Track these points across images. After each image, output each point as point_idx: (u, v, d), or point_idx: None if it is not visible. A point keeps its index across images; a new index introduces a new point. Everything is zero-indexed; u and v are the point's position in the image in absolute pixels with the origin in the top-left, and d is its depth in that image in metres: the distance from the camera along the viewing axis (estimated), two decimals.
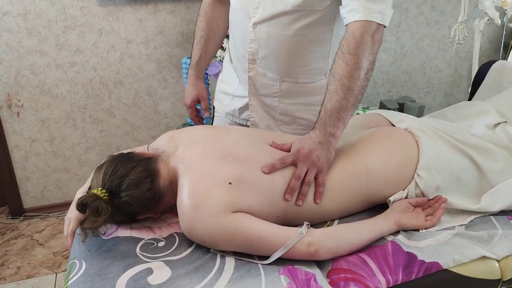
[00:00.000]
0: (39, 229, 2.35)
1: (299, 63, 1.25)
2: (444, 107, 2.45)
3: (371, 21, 1.04)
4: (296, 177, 1.04)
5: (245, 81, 1.33)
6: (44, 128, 2.35)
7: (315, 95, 1.29)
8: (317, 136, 1.06)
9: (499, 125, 1.29)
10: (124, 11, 2.25)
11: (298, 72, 1.26)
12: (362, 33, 1.03)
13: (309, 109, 1.31)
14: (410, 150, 1.12)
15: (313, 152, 1.05)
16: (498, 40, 2.94)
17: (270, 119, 1.36)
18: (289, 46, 1.21)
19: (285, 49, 1.22)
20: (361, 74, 1.03)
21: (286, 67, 1.25)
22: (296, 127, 1.35)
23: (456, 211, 1.12)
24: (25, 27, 2.14)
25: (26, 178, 2.42)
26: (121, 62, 2.34)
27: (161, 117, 2.52)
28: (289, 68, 1.26)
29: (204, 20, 1.41)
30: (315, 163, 1.05)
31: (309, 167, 1.05)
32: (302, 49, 1.22)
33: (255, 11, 1.20)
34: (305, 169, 1.05)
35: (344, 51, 1.04)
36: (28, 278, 1.98)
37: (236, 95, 1.40)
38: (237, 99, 1.40)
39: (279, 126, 1.36)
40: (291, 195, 1.04)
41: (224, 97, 1.46)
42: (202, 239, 0.97)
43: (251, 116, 1.36)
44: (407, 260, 0.96)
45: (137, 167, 1.03)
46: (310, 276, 0.91)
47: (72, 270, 0.96)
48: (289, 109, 1.33)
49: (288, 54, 1.23)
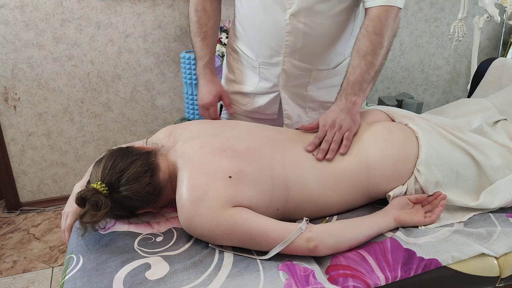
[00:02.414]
0: (36, 223, 2.34)
1: (332, 49, 1.29)
2: (443, 104, 2.45)
3: (394, 6, 1.15)
4: (325, 141, 1.13)
5: (273, 75, 1.32)
6: (41, 122, 2.33)
7: (337, 76, 1.34)
8: (338, 106, 1.17)
9: (498, 122, 1.29)
10: (122, 5, 2.23)
11: (330, 58, 1.30)
12: (387, 17, 1.15)
13: (333, 91, 1.32)
14: (410, 145, 1.12)
15: (337, 120, 1.15)
16: (498, 37, 2.93)
17: (299, 108, 1.38)
18: (326, 34, 1.25)
19: (321, 37, 1.25)
20: (383, 52, 1.16)
21: (320, 55, 1.29)
22: (322, 112, 1.37)
23: (455, 208, 1.12)
24: (22, 20, 2.12)
25: (23, 172, 2.41)
26: (119, 56, 2.32)
27: (159, 111, 2.51)
28: (323, 56, 1.29)
29: (205, 15, 1.37)
30: (340, 127, 1.14)
31: (336, 131, 1.14)
32: (335, 35, 1.27)
33: (291, 3, 1.19)
34: (332, 135, 1.14)
35: (369, 30, 1.15)
36: (24, 272, 1.98)
37: (258, 92, 1.39)
38: (260, 96, 1.39)
39: (307, 113, 1.39)
40: (321, 154, 1.12)
41: (241, 97, 1.43)
42: (201, 233, 0.97)
43: (284, 109, 1.38)
44: (406, 257, 0.96)
45: (137, 161, 1.02)
46: (309, 272, 0.91)
47: (69, 265, 0.96)
48: (317, 95, 1.37)
49: (324, 42, 1.26)
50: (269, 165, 1.04)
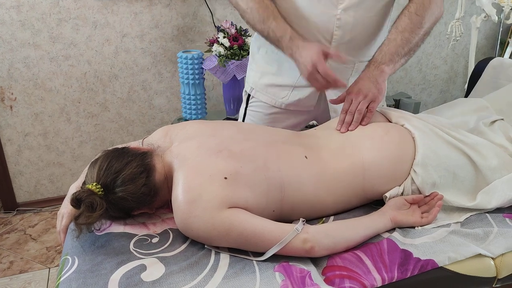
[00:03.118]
0: (32, 224, 2.33)
1: (374, 41, 1.31)
2: (440, 104, 2.44)
3: None
4: (349, 113, 1.17)
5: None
6: (38, 122, 2.32)
7: None
8: (365, 73, 1.19)
9: (495, 122, 1.29)
10: (119, 4, 2.22)
11: (372, 50, 1.30)
12: (431, 2, 1.19)
13: None
14: (407, 146, 1.12)
15: (363, 88, 1.17)
16: (495, 37, 2.93)
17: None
18: (373, 26, 1.28)
19: (366, 30, 1.27)
20: (421, 32, 1.19)
21: (364, 47, 1.31)
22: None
23: (452, 208, 1.12)
24: (18, 20, 2.11)
25: (19, 172, 2.40)
26: (115, 55, 2.32)
27: (156, 111, 2.51)
28: (366, 48, 1.31)
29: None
30: (366, 95, 1.17)
31: (360, 100, 1.17)
32: (377, 28, 1.30)
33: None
34: (356, 104, 1.17)
35: (411, 11, 1.19)
36: (21, 273, 1.97)
37: (298, 85, 1.37)
38: (300, 89, 1.38)
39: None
40: (341, 125, 1.17)
41: (280, 90, 1.40)
42: (197, 235, 0.97)
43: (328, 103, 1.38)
44: (402, 258, 0.96)
45: (132, 162, 1.02)
46: (305, 273, 0.91)
47: (64, 266, 0.95)
48: None
49: (369, 35, 1.29)
50: (264, 165, 1.03)
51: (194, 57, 2.08)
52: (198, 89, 2.15)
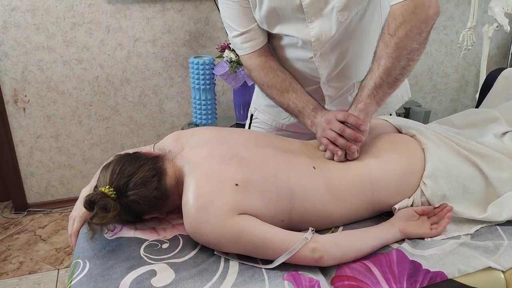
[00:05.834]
0: (42, 225, 2.35)
1: (368, 61, 1.21)
2: (450, 113, 2.43)
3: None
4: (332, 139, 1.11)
5: (315, 96, 1.29)
6: (50, 124, 2.35)
7: None
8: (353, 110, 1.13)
9: (507, 134, 1.28)
10: (132, 9, 2.25)
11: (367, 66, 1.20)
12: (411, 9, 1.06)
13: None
14: (416, 158, 1.11)
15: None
16: (507, 47, 2.92)
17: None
18: (357, 53, 1.23)
19: (353, 57, 1.24)
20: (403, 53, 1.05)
21: (358, 69, 1.27)
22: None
23: (462, 220, 1.11)
24: (33, 23, 2.14)
25: (31, 174, 2.42)
26: (128, 60, 2.34)
27: (167, 116, 2.52)
28: (360, 68, 1.26)
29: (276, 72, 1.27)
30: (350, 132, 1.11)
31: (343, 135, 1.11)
32: (368, 47, 1.20)
33: (315, 45, 1.18)
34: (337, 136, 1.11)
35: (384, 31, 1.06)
36: (30, 273, 1.99)
37: None
38: None
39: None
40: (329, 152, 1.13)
41: (281, 111, 1.36)
42: (206, 240, 0.97)
43: None
44: (411, 269, 0.96)
45: (145, 166, 1.03)
46: (314, 283, 0.91)
47: (75, 269, 0.96)
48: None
49: (359, 61, 1.25)
50: (274, 174, 1.04)
51: (205, 63, 2.09)
52: (209, 94, 2.16)
